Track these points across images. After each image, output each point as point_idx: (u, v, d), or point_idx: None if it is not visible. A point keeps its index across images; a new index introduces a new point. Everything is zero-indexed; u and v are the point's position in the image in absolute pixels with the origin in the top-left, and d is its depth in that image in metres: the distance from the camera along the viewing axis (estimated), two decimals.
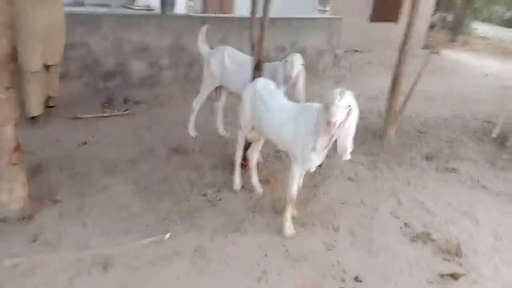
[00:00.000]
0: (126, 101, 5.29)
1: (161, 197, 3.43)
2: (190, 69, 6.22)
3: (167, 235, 2.93)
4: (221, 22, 6.42)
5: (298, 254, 2.89)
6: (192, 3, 6.29)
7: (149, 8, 10.59)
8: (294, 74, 3.66)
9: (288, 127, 2.92)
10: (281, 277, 2.65)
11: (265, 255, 2.84)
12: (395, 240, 3.16)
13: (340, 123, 2.51)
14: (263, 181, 3.74)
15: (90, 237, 2.87)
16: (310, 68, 7.73)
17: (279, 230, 3.10)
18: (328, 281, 2.67)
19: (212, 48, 4.49)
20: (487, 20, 21.58)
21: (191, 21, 6.06)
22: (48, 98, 4.66)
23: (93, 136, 4.41)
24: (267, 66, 3.91)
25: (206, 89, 4.49)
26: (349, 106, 2.50)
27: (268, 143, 3.57)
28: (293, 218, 3.21)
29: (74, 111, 4.91)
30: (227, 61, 4.21)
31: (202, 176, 3.84)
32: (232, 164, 4.06)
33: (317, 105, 2.92)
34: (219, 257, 2.78)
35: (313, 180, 3.88)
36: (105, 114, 4.93)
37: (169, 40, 5.85)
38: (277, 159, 4.35)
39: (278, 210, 3.38)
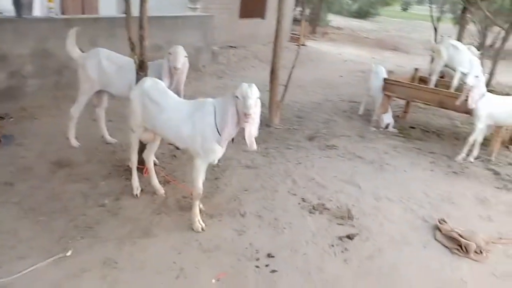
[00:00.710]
0: None
1: (52, 216, 3.12)
2: (60, 76, 5.69)
3: (68, 253, 2.69)
4: (88, 23, 6.00)
5: (211, 245, 2.93)
6: (52, 5, 5.72)
7: None
8: (179, 65, 3.67)
9: (186, 124, 2.93)
10: (199, 270, 2.67)
11: (179, 253, 2.82)
12: (296, 215, 3.42)
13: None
14: (162, 182, 3.67)
15: None
16: (190, 65, 7.76)
17: (189, 227, 3.10)
18: (243, 263, 2.77)
19: (83, 51, 4.20)
20: (339, 12, 24.14)
21: (53, 24, 5.54)
22: None
23: None
24: (151, 65, 3.83)
25: (84, 95, 4.19)
26: (258, 97, 2.63)
27: (161, 144, 3.53)
28: (200, 212, 3.24)
29: None
30: (105, 64, 3.99)
31: (95, 187, 3.60)
32: (126, 170, 3.92)
33: (209, 100, 2.99)
34: (131, 264, 2.67)
35: (214, 173, 3.94)
36: None
37: (31, 46, 5.27)
38: (172, 159, 4.30)
39: (184, 208, 3.38)
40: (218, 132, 2.84)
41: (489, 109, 4.62)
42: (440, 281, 2.79)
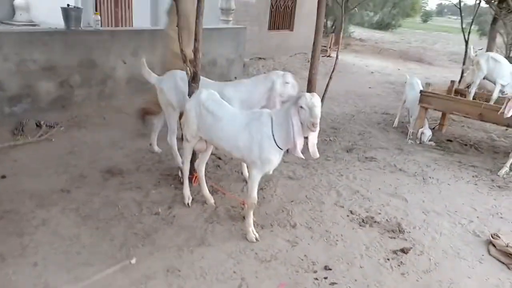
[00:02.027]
0: (39, 125, 4.80)
1: (111, 223, 3.22)
2: (104, 86, 5.88)
3: (133, 260, 2.77)
4: (131, 35, 6.20)
5: (267, 255, 2.97)
6: (99, 17, 5.93)
7: (32, 23, 9.70)
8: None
9: (243, 134, 3.00)
10: (259, 280, 2.71)
11: (237, 262, 2.87)
12: (347, 227, 3.44)
13: None
14: (211, 191, 3.74)
15: (46, 276, 2.59)
16: (222, 76, 7.90)
17: (242, 236, 3.16)
18: (301, 274, 2.80)
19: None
20: (360, 24, 24.19)
21: (99, 36, 5.73)
22: None
23: (11, 168, 3.93)
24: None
25: (171, 118, 4.07)
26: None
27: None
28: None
29: None
30: (181, 85, 3.91)
31: (147, 195, 3.70)
32: (174, 179, 4.02)
33: (266, 110, 3.07)
34: (194, 273, 2.73)
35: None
36: (18, 142, 4.41)
37: (78, 57, 5.47)
38: (216, 169, 4.38)
39: (234, 217, 3.44)
40: (276, 142, 2.90)
41: None
42: None
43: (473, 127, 7.03)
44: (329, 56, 13.46)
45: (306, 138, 2.88)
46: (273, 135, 2.89)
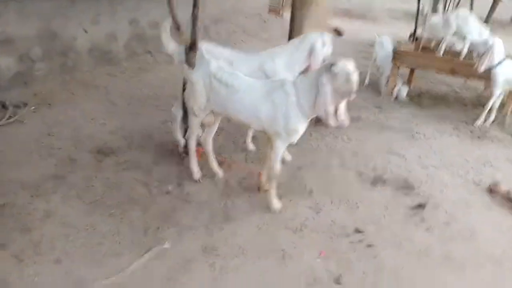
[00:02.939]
0: (4, 106, 4.26)
1: (123, 208, 2.99)
2: (66, 58, 5.32)
3: (166, 245, 2.62)
4: (89, 1, 5.59)
5: (296, 224, 2.94)
6: None
7: None
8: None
9: (264, 105, 2.86)
10: (299, 250, 2.68)
11: (271, 235, 2.81)
12: (361, 189, 3.49)
13: None
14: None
15: (74, 272, 2.37)
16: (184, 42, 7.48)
17: (264, 207, 3.09)
18: (336, 240, 2.82)
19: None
20: None
21: (57, 2, 5.10)
22: None
23: None
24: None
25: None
26: None
27: None
28: (266, 191, 3.24)
29: None
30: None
31: (149, 173, 3.48)
32: (171, 154, 3.81)
33: (288, 79, 2.93)
34: (231, 250, 2.64)
35: (257, 153, 3.92)
36: None
37: (36, 27, 4.86)
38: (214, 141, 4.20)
39: (248, 189, 3.36)
40: (301, 112, 2.80)
41: (507, 75, 4.85)
42: None
43: (435, 81, 7.36)
44: (280, 16, 13.23)
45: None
46: (299, 104, 2.78)
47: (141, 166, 3.57)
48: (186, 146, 3.68)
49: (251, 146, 4.04)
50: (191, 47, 3.45)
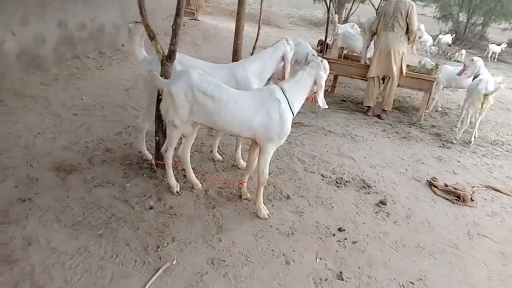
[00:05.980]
0: None
1: (111, 227, 2.86)
2: None
3: (174, 261, 2.59)
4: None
5: (287, 228, 3.13)
6: None
7: None
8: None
9: (258, 116, 2.99)
10: (298, 253, 2.86)
11: (268, 241, 2.95)
12: (329, 190, 3.81)
13: None
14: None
15: None
16: (110, 44, 7.14)
17: (252, 215, 3.22)
18: (326, 239, 3.07)
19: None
20: None
21: None
22: None
23: None
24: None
25: (150, 106, 3.62)
26: None
27: None
28: (248, 200, 3.38)
29: None
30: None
31: (124, 190, 3.35)
32: (140, 168, 3.72)
33: (273, 86, 3.11)
34: (238, 260, 2.71)
35: (223, 164, 4.03)
36: None
37: None
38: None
39: (230, 198, 3.44)
40: (293, 113, 3.08)
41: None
42: (463, 225, 3.54)
43: (352, 86, 8.18)
44: (196, 19, 13.23)
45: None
46: (290, 108, 3.01)
47: (112, 183, 3.41)
48: (157, 158, 3.62)
49: (217, 156, 4.10)
50: (169, 57, 3.39)
